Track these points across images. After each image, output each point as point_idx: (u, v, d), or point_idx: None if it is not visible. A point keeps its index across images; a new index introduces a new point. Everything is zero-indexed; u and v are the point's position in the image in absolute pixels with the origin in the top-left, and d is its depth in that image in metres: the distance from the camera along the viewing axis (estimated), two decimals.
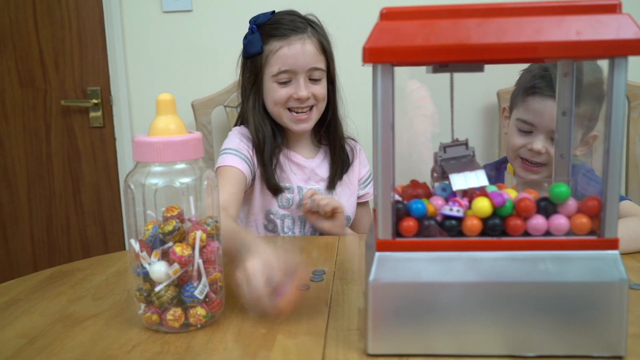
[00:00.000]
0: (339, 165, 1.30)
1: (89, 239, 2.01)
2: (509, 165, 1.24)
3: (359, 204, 1.38)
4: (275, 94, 1.20)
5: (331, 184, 1.30)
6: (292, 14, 1.23)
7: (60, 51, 1.89)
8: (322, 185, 1.30)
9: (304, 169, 1.28)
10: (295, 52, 1.18)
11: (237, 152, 1.20)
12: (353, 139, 1.38)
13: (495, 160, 1.39)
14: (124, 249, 1.96)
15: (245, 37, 1.23)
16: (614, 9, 0.53)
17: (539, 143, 1.09)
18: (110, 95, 1.89)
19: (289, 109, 1.21)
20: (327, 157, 1.32)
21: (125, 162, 1.91)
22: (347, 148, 1.34)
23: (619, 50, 0.52)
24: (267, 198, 1.26)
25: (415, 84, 0.87)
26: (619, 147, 0.55)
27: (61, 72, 1.91)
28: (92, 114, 1.92)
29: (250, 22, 1.23)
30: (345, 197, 1.32)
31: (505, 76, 1.47)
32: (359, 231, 1.36)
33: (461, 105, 0.69)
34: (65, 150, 1.96)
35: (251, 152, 1.22)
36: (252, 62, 1.22)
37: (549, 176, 1.10)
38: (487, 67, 0.62)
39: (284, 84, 1.19)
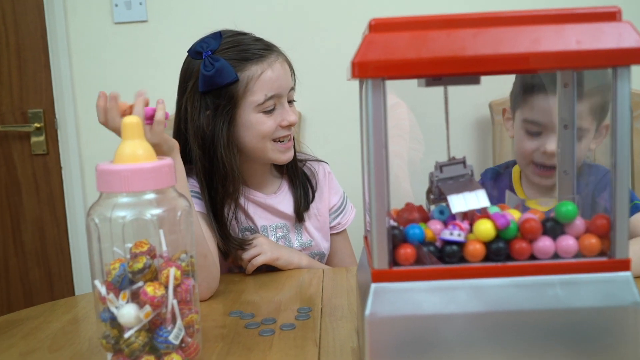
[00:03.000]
0: (302, 195, 1.28)
1: (32, 283, 1.98)
2: (514, 181, 1.26)
3: (334, 235, 1.36)
4: (262, 126, 1.15)
5: (299, 217, 1.28)
6: (243, 33, 1.19)
7: None
8: (289, 222, 1.28)
9: (266, 207, 1.26)
10: (278, 73, 1.15)
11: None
12: (319, 160, 1.37)
13: (499, 164, 1.39)
14: (73, 294, 1.93)
15: (206, 68, 1.12)
16: (613, 16, 0.57)
17: (552, 144, 1.09)
18: (55, 118, 1.89)
19: (274, 140, 1.18)
20: (289, 189, 1.30)
21: (73, 193, 1.90)
22: (307, 171, 1.32)
23: (621, 59, 0.56)
24: None
25: (392, 99, 0.89)
26: (626, 161, 0.59)
27: None
28: (33, 140, 1.91)
29: (200, 48, 1.14)
30: (316, 231, 1.31)
31: (497, 87, 1.52)
32: (337, 265, 1.35)
33: (451, 118, 0.72)
34: (2, 182, 1.94)
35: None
36: (219, 95, 1.13)
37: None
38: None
39: (269, 112, 1.16)
